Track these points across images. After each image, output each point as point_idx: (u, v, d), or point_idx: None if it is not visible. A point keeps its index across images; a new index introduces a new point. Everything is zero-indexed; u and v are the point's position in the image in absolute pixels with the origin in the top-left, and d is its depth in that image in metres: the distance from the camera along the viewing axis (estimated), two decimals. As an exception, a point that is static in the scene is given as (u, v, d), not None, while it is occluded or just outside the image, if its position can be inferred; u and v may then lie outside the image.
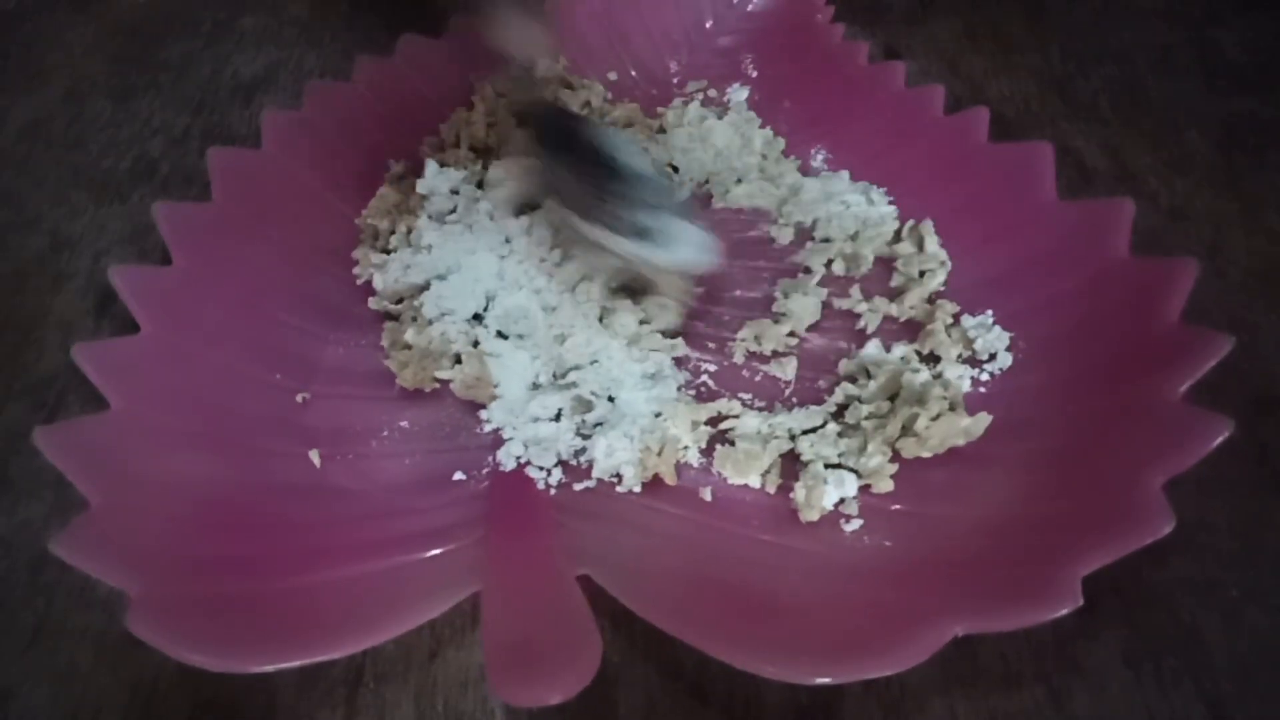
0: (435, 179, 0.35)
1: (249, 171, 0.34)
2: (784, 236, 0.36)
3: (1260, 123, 0.39)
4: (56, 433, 0.25)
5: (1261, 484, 0.28)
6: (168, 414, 0.27)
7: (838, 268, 0.35)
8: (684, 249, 0.29)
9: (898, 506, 0.27)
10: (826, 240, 0.35)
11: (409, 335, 0.32)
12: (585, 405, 0.30)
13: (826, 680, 0.21)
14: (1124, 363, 0.27)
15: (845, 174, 0.38)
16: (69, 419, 0.30)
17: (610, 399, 0.30)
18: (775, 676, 0.21)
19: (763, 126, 0.41)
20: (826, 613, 0.24)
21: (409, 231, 0.35)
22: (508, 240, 0.34)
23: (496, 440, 0.30)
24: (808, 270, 0.35)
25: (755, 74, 0.43)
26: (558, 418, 0.30)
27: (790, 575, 0.25)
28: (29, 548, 0.28)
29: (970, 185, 0.34)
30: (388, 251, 0.34)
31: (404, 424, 0.30)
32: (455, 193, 0.36)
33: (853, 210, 0.36)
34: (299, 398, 0.30)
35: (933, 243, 0.34)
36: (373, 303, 0.33)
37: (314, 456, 0.29)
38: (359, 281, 0.34)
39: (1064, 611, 0.21)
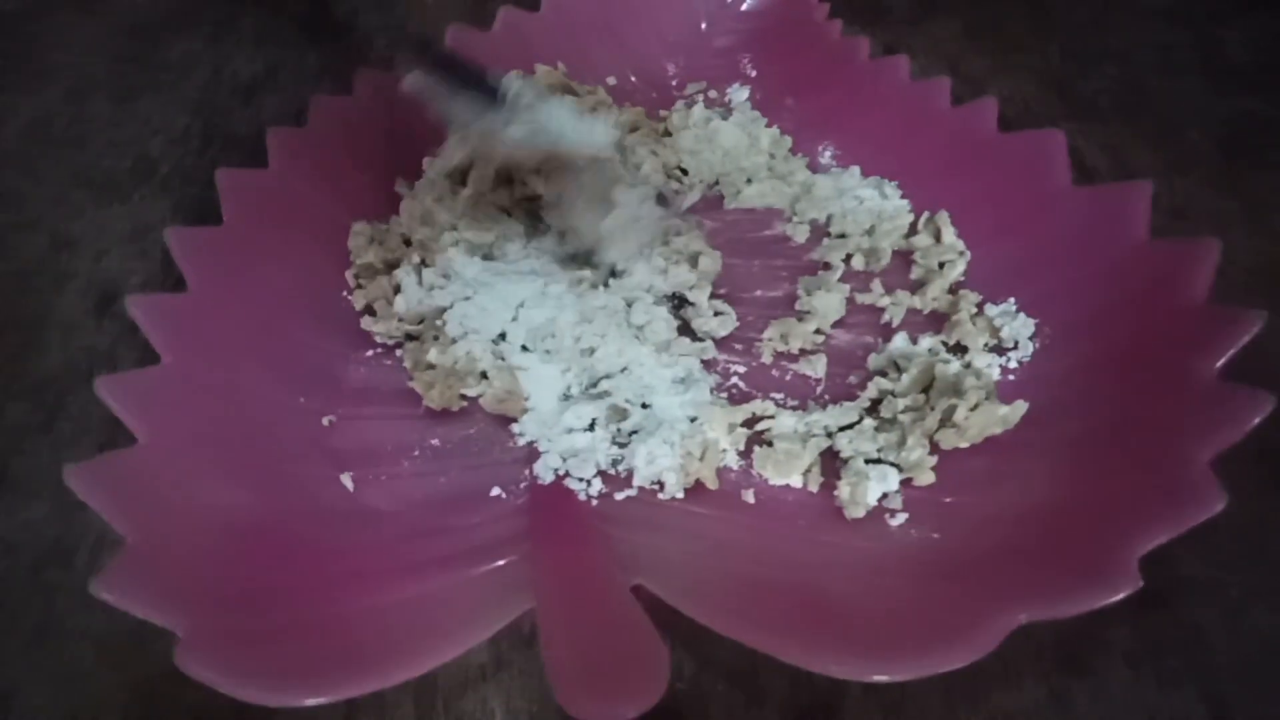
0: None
1: (258, 192, 0.33)
2: (799, 234, 0.36)
3: (1262, 122, 0.39)
4: (87, 471, 0.24)
5: (1263, 484, 0.28)
6: (196, 444, 0.26)
7: (857, 263, 0.35)
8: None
9: (941, 498, 0.27)
10: (843, 236, 0.36)
11: (432, 355, 0.31)
12: (620, 413, 0.30)
13: (902, 677, 0.21)
14: (1154, 343, 0.27)
15: (856, 169, 0.38)
16: (71, 421, 0.30)
17: (644, 405, 0.30)
18: (843, 675, 0.21)
19: (768, 125, 0.41)
20: (884, 607, 0.23)
21: (421, 262, 0.34)
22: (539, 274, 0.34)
23: (531, 453, 0.30)
24: (827, 266, 0.35)
25: (754, 73, 0.43)
26: (591, 427, 0.30)
27: (843, 572, 0.25)
28: (30, 548, 0.28)
29: (982, 175, 0.34)
30: (394, 282, 0.34)
31: (434, 442, 0.30)
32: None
33: (866, 205, 0.36)
34: (325, 420, 0.30)
35: (950, 234, 0.34)
36: (394, 329, 0.32)
37: (346, 480, 0.28)
38: (363, 319, 0.33)
39: (1124, 594, 0.20)
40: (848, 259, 0.35)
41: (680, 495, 0.28)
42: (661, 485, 0.28)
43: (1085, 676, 0.24)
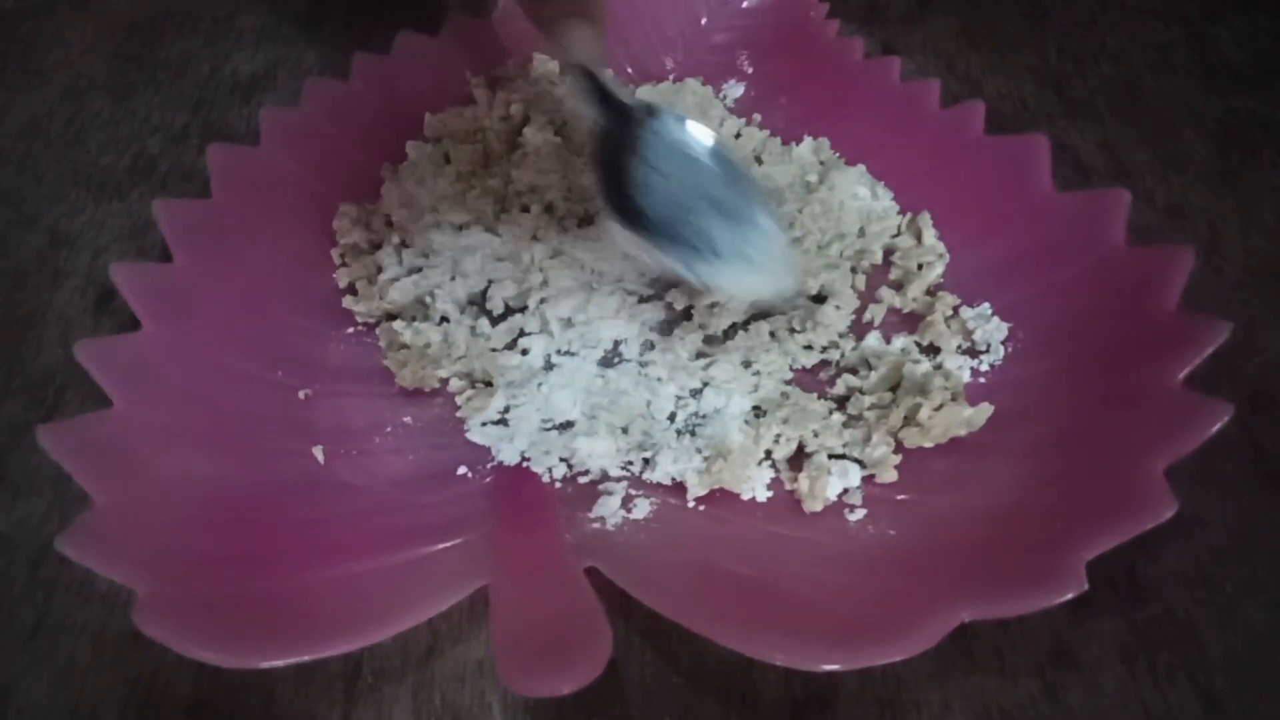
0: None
1: (248, 169, 0.33)
2: (808, 241, 0.36)
3: (1257, 121, 0.39)
4: (59, 431, 0.25)
5: (1256, 480, 0.28)
6: (171, 411, 0.27)
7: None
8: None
9: (901, 496, 0.27)
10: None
11: (406, 336, 0.31)
12: (639, 445, 0.29)
13: (835, 667, 0.21)
14: (1123, 350, 0.27)
15: (861, 167, 0.37)
16: (69, 416, 0.30)
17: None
18: (785, 664, 0.21)
19: (762, 126, 0.40)
20: (834, 601, 0.24)
21: (401, 243, 0.34)
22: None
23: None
24: None
25: (750, 70, 0.43)
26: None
27: (797, 565, 0.25)
28: (28, 544, 0.28)
29: (967, 178, 0.34)
30: (376, 261, 0.34)
31: (407, 420, 0.30)
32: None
33: (858, 204, 0.36)
34: (301, 394, 0.30)
35: (930, 235, 0.34)
36: (375, 308, 0.33)
37: (318, 453, 0.29)
38: (345, 298, 0.33)
39: (1068, 596, 0.21)
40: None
41: (702, 493, 0.28)
42: (681, 485, 0.28)
43: (1079, 671, 0.24)
